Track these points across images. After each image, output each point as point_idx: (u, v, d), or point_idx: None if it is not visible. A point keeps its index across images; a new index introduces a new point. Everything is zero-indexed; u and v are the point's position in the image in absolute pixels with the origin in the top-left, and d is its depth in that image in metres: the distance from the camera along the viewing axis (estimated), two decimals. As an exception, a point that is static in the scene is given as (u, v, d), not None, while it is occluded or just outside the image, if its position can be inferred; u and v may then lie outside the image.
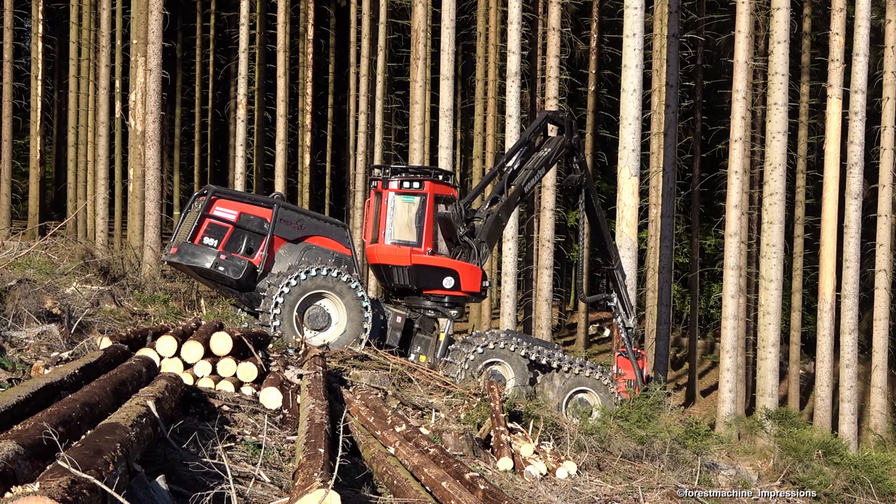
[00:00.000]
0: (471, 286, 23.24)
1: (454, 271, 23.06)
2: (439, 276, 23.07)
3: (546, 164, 25.37)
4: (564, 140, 25.38)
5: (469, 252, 23.21)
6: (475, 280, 23.25)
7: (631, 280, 29.29)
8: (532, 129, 25.63)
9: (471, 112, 52.85)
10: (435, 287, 23.14)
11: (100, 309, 20.29)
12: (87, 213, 51.00)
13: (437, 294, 23.30)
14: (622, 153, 30.50)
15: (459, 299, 23.63)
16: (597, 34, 52.62)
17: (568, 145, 25.43)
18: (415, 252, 23.02)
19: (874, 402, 37.89)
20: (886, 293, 37.85)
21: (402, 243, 23.20)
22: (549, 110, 29.81)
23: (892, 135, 37.41)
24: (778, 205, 34.00)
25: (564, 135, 25.47)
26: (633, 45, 30.34)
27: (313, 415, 11.36)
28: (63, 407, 8.79)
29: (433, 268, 23.08)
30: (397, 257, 23.21)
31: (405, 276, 23.33)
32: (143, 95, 41.22)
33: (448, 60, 37.03)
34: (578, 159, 25.87)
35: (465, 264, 23.13)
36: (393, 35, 50.32)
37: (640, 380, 25.52)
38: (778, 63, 33.97)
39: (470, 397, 17.56)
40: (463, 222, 23.09)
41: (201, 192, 22.77)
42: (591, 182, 26.57)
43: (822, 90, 42.13)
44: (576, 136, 25.68)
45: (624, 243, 30.09)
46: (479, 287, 23.42)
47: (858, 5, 35.68)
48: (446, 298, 23.35)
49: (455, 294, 23.27)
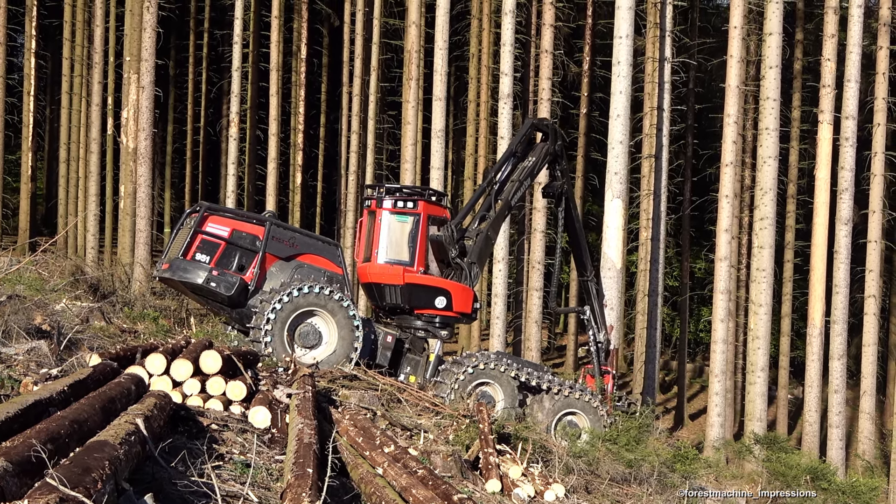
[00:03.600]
0: (462, 307, 23.21)
1: (446, 291, 23.05)
2: (431, 295, 23.06)
3: (531, 174, 25.31)
4: (548, 147, 25.33)
5: (461, 273, 23.19)
6: (467, 301, 23.23)
7: (611, 301, 29.24)
8: (518, 138, 25.57)
9: (463, 133, 52.91)
10: (427, 307, 23.12)
11: (89, 326, 20.23)
12: (77, 229, 50.92)
13: (428, 314, 23.26)
14: (608, 176, 30.62)
15: (450, 320, 23.58)
16: (589, 57, 52.68)
17: (551, 152, 25.41)
18: (407, 271, 23.00)
19: (862, 428, 37.90)
20: (875, 319, 37.89)
21: (394, 262, 23.19)
22: (535, 118, 29.70)
23: (882, 161, 37.51)
24: (768, 229, 34.07)
25: (548, 142, 25.41)
26: (620, 72, 30.48)
27: (302, 434, 11.32)
28: (52, 424, 8.75)
29: (425, 287, 23.06)
30: (390, 276, 23.18)
31: (397, 295, 23.30)
32: (135, 112, 41.22)
33: (441, 81, 37.10)
34: (560, 166, 25.88)
35: (457, 284, 23.12)
36: (386, 55, 50.38)
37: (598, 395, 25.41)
38: (770, 88, 34.09)
39: (459, 418, 17.52)
40: (454, 244, 23.05)
41: (194, 209, 22.75)
42: (571, 190, 26.58)
43: (813, 115, 42.27)
44: (559, 142, 25.63)
45: (605, 264, 30.14)
46: (471, 308, 23.39)
47: (850, 32, 35.80)
48: (437, 318, 23.30)
49: (446, 314, 23.24)
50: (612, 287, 29.64)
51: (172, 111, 63.97)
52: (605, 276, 29.03)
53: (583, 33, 53.62)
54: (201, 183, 63.70)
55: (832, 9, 36.65)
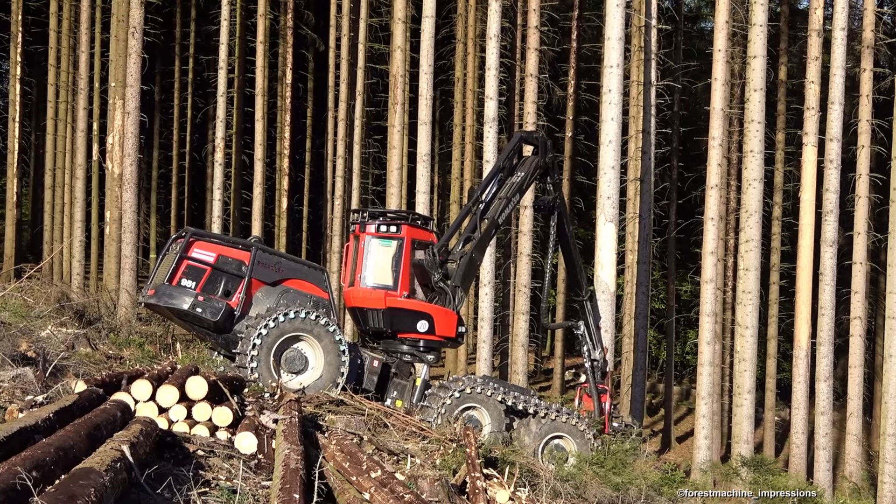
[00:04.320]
0: (445, 330, 23.09)
1: (428, 315, 22.96)
2: (414, 319, 22.98)
3: (520, 190, 24.94)
4: (538, 160, 25.03)
5: (445, 297, 23.11)
6: (450, 324, 23.11)
7: (606, 323, 29.22)
8: (506, 153, 25.27)
9: (448, 157, 52.94)
10: (409, 330, 23.04)
11: (75, 352, 20.17)
12: (63, 255, 50.81)
13: (411, 338, 23.20)
14: (600, 201, 30.64)
15: (435, 344, 23.47)
16: (574, 81, 52.85)
17: (542, 165, 25.10)
18: (389, 295, 22.95)
19: (849, 450, 37.94)
20: (861, 340, 37.95)
21: (378, 286, 23.16)
22: (523, 130, 29.23)
23: (866, 182, 37.64)
24: (754, 251, 34.13)
25: (538, 155, 25.14)
26: (610, 99, 30.61)
27: (288, 460, 11.30)
28: (37, 451, 8.73)
29: (407, 311, 22.99)
30: (372, 300, 23.17)
31: (380, 319, 23.26)
32: (120, 138, 41.17)
33: (426, 106, 37.14)
34: (553, 180, 25.54)
35: (439, 308, 23.02)
36: (371, 80, 50.47)
37: (597, 414, 25.29)
38: (754, 111, 34.21)
39: (446, 443, 17.49)
40: (437, 268, 22.94)
41: (179, 235, 22.73)
42: (564, 205, 26.14)
43: (797, 138, 42.38)
44: (550, 155, 25.31)
45: (599, 287, 30.15)
46: (455, 331, 23.22)
47: (833, 54, 35.96)
48: (421, 343, 23.24)
49: (430, 338, 23.14)
50: (605, 310, 29.65)
51: (158, 136, 63.98)
52: (599, 300, 28.98)
53: (567, 57, 53.80)
54: (187, 208, 63.63)
55: (816, 32, 36.82)
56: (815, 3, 37.32)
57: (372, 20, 48.61)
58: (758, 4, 34.21)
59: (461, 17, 50.27)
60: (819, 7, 37.27)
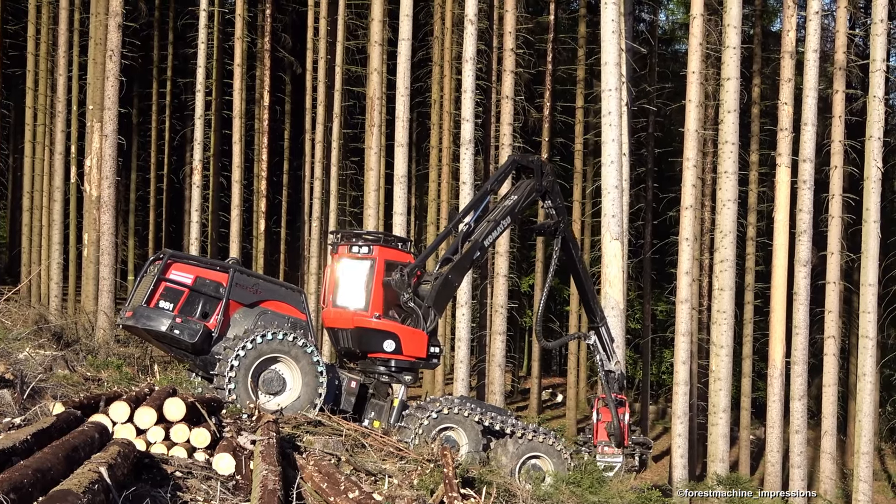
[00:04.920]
0: (414, 350, 22.92)
1: (395, 335, 22.79)
2: (381, 339, 22.86)
3: (511, 213, 24.51)
4: (534, 184, 24.64)
5: (415, 318, 22.97)
6: (418, 344, 22.93)
7: (618, 338, 29.11)
8: (496, 177, 25.14)
9: (425, 178, 52.98)
10: (377, 350, 22.94)
11: (53, 374, 20.11)
12: (41, 277, 50.67)
13: (382, 358, 23.13)
14: (604, 220, 30.79)
15: (406, 364, 23.29)
16: (549, 102, 52.98)
17: (538, 189, 24.69)
18: (358, 315, 22.91)
19: (824, 468, 38.02)
20: (835, 359, 38.05)
21: (349, 307, 23.22)
22: (516, 154, 28.77)
23: (839, 203, 37.80)
24: (728, 271, 34.23)
25: (534, 179, 24.76)
26: (610, 121, 30.94)
27: (266, 481, 11.29)
28: (15, 473, 8.70)
29: (374, 331, 22.88)
30: (342, 320, 23.20)
31: (349, 339, 23.27)
32: (98, 161, 41.16)
33: (403, 127, 37.18)
34: (554, 204, 25.03)
35: (406, 328, 22.82)
36: (348, 102, 50.52)
37: (616, 426, 25.03)
38: (728, 132, 34.36)
39: (423, 463, 17.47)
40: (407, 288, 22.79)
41: (157, 256, 22.69)
42: (569, 230, 25.69)
43: (771, 159, 42.56)
44: (550, 178, 24.89)
45: (608, 303, 30.26)
46: (425, 352, 22.98)
47: (806, 76, 36.14)
48: (392, 363, 23.13)
49: (397, 357, 23.01)
50: (616, 325, 29.73)
51: (136, 159, 63.88)
52: (609, 316, 28.98)
53: (543, 79, 53.92)
54: (165, 230, 63.55)
55: (788, 53, 37.03)
56: (788, 25, 37.55)
57: (349, 43, 48.69)
58: (731, 27, 34.38)
59: (437, 39, 50.38)
60: (792, 29, 37.50)
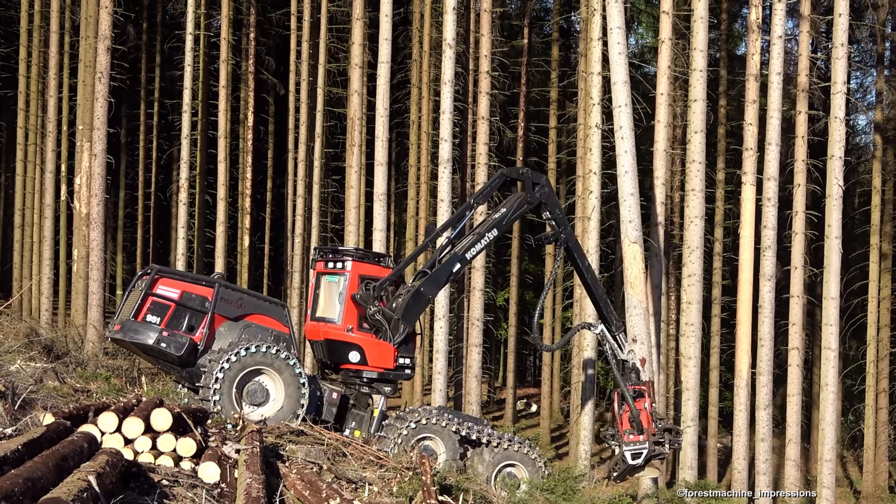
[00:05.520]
0: (379, 361, 22.77)
1: (359, 346, 22.77)
2: (346, 350, 22.83)
3: (498, 226, 24.05)
4: (525, 196, 24.16)
5: (383, 330, 22.83)
6: (385, 356, 22.76)
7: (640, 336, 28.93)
8: (481, 191, 24.83)
9: (404, 196, 53.02)
10: (344, 361, 22.93)
11: (43, 386, 20.01)
12: (32, 292, 50.44)
13: (352, 369, 23.12)
14: (623, 225, 30.69)
15: (380, 375, 23.12)
16: (524, 123, 53.13)
17: (529, 201, 24.17)
18: (329, 327, 22.97)
19: (788, 475, 38.07)
20: (799, 370, 38.13)
21: (322, 320, 23.27)
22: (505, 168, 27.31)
23: (802, 219, 37.92)
24: (696, 286, 34.33)
25: (525, 191, 24.29)
26: (622, 135, 30.97)
27: (250, 489, 11.25)
28: (6, 482, 8.65)
29: (341, 342, 22.87)
30: (316, 333, 23.36)
31: (321, 351, 23.45)
32: (87, 179, 41.06)
33: (382, 147, 37.19)
34: (553, 215, 24.47)
35: (371, 340, 22.63)
36: (330, 123, 50.48)
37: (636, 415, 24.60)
38: (695, 151, 34.52)
39: (402, 471, 17.44)
40: (372, 301, 22.71)
41: (145, 272, 22.65)
42: (572, 239, 25.18)
43: (737, 177, 42.67)
44: (545, 189, 24.36)
45: (630, 303, 30.34)
46: (392, 363, 22.78)
47: (770, 98, 36.28)
48: (363, 374, 23.07)
49: (362, 368, 22.90)
50: (639, 323, 29.71)
51: (124, 177, 63.71)
52: (631, 315, 29.26)
53: (517, 101, 54.07)
54: (152, 246, 63.38)
55: (753, 76, 37.17)
56: (753, 49, 37.70)
57: (330, 66, 48.72)
58: (698, 51, 34.57)
59: (416, 62, 50.49)
60: (756, 53, 37.65)
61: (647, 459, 24.73)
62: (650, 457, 24.75)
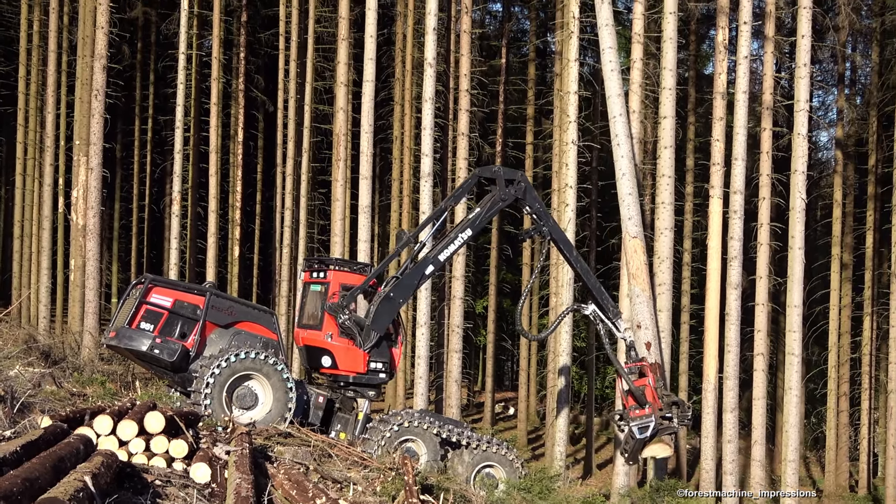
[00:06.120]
0: (349, 366, 22.80)
1: (330, 352, 22.82)
2: (319, 355, 22.95)
3: (472, 226, 23.87)
4: (498, 194, 23.94)
5: (353, 337, 22.79)
6: (355, 361, 22.78)
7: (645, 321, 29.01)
8: (454, 194, 24.67)
9: (388, 209, 53.04)
10: (318, 366, 23.09)
11: (41, 390, 19.98)
12: (30, 300, 50.31)
13: (327, 373, 23.22)
14: (623, 223, 31.48)
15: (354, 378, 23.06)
16: (502, 139, 53.22)
17: (503, 198, 23.97)
18: (309, 333, 23.11)
19: (754, 475, 38.12)
20: (764, 375, 38.19)
21: (307, 327, 23.38)
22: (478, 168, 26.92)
23: (767, 231, 38.00)
24: (666, 294, 34.40)
25: (497, 190, 24.01)
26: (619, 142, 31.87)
27: (240, 489, 11.25)
28: (5, 482, 8.65)
29: (315, 348, 23.03)
30: (298, 339, 23.66)
31: (302, 356, 23.77)
32: (84, 192, 40.96)
33: (367, 162, 37.19)
34: (533, 209, 24.21)
35: (341, 346, 22.73)
36: (316, 138, 50.44)
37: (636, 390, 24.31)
38: (665, 166, 34.64)
39: (386, 471, 17.45)
40: (342, 310, 22.70)
41: (139, 281, 22.66)
42: (558, 232, 24.82)
43: (704, 190, 42.78)
44: (522, 184, 23.98)
45: (633, 292, 30.48)
46: (363, 367, 22.77)
47: (737, 115, 36.39)
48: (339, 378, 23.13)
49: (335, 372, 22.95)
50: (643, 311, 30.47)
51: (119, 190, 63.55)
52: (635, 303, 30.05)
53: (496, 117, 54.12)
54: (146, 256, 63.26)
55: (720, 94, 37.30)
56: (720, 68, 37.84)
57: (317, 84, 48.69)
58: (667, 70, 34.70)
59: (399, 81, 50.55)
60: (723, 72, 37.79)
61: (655, 432, 24.32)
62: (658, 430, 24.31)
